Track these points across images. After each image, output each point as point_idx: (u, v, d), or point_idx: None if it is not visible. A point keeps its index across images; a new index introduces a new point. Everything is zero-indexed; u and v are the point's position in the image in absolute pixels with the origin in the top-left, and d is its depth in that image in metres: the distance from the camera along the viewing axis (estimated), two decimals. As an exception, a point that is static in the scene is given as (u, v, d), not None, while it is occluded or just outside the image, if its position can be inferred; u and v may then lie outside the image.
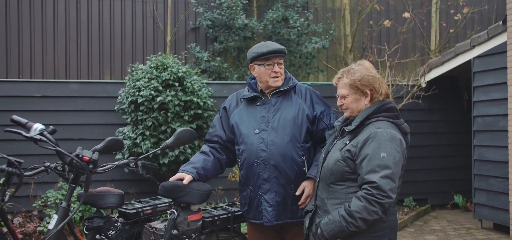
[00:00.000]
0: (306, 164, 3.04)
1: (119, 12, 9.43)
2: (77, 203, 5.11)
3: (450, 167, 8.16)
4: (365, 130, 2.57)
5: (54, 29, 9.18)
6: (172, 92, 6.04)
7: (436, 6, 9.78)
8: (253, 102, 3.16)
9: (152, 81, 6.08)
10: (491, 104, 6.41)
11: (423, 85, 7.37)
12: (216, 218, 3.18)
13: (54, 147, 2.79)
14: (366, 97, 2.65)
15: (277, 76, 3.10)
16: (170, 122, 6.05)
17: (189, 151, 6.09)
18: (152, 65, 6.27)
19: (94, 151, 2.83)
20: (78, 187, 2.94)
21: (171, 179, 3.04)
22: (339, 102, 2.73)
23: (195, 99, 6.13)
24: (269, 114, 3.09)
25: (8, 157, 2.74)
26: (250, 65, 3.15)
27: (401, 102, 7.04)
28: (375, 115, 2.60)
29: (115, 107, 6.46)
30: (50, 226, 2.76)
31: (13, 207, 6.00)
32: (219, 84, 7.24)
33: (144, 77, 6.16)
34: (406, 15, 9.40)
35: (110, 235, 3.10)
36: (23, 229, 5.75)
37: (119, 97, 6.42)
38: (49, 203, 5.76)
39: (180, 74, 6.19)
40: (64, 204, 2.82)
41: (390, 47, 8.09)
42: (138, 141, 6.02)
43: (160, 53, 7.15)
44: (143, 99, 5.98)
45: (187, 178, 2.99)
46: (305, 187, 3.00)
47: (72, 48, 9.24)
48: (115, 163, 3.04)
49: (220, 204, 3.59)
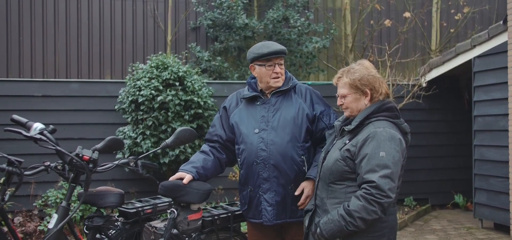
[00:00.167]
0: (306, 164, 3.03)
1: (119, 12, 9.43)
2: (77, 202, 5.11)
3: (450, 166, 8.15)
4: (364, 130, 2.57)
5: (54, 28, 9.18)
6: (173, 92, 6.04)
7: (437, 6, 9.78)
8: (253, 101, 3.16)
9: (153, 80, 6.09)
10: (491, 104, 6.40)
11: (424, 84, 7.36)
12: (216, 217, 3.17)
13: (54, 146, 2.79)
14: (366, 96, 2.65)
15: (278, 77, 3.10)
16: (171, 121, 6.06)
17: (189, 150, 6.09)
18: (152, 64, 6.28)
19: (94, 151, 2.83)
20: (78, 186, 2.94)
21: (171, 179, 3.04)
22: (339, 102, 2.73)
23: (196, 99, 6.13)
24: (269, 113, 3.09)
25: (8, 156, 2.73)
26: (250, 65, 3.15)
27: (401, 101, 7.04)
28: (375, 114, 2.60)
29: (116, 107, 6.47)
30: (50, 226, 2.77)
31: (13, 207, 6.00)
32: (219, 84, 7.24)
33: (145, 76, 6.17)
34: (407, 14, 9.39)
35: (110, 235, 3.11)
36: (23, 228, 5.76)
37: (120, 96, 6.43)
38: (49, 202, 5.77)
39: (180, 74, 6.19)
40: (64, 203, 2.82)
41: (390, 47, 8.10)
42: (138, 140, 6.02)
43: (160, 52, 7.15)
44: (144, 98, 5.99)
45: (187, 178, 2.99)
46: (304, 187, 3.00)
47: (72, 48, 9.24)
48: (115, 162, 3.04)
49: (220, 204, 3.59)
